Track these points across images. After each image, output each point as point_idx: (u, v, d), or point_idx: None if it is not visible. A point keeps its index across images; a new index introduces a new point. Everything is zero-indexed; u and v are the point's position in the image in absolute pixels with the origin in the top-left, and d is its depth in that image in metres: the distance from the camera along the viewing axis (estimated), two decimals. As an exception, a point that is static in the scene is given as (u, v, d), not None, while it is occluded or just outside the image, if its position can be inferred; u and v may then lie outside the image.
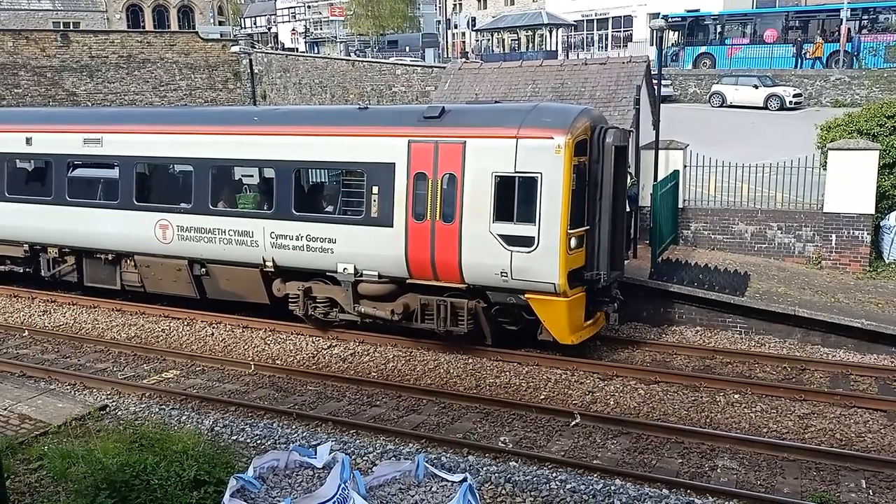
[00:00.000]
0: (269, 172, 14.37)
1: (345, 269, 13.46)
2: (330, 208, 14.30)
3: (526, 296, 12.39)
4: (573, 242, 12.15)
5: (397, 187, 12.85)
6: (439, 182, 12.55)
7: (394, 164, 12.86)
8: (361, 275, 13.40)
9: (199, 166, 14.73)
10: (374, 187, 13.03)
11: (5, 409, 10.41)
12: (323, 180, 15.36)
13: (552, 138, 11.88)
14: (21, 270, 17.83)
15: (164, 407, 11.25)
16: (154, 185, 15.81)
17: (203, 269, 15.16)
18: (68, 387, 12.25)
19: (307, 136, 13.84)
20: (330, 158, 13.75)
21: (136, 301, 16.60)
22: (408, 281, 13.17)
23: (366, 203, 13.15)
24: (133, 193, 15.40)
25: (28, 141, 16.74)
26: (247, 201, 14.94)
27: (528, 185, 11.98)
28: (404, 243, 12.85)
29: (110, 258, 16.23)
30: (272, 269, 14.26)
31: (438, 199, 12.57)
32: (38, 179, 17.16)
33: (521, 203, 12.05)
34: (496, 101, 15.45)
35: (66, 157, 16.24)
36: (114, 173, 15.73)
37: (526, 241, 12.05)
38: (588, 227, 12.45)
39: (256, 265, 14.37)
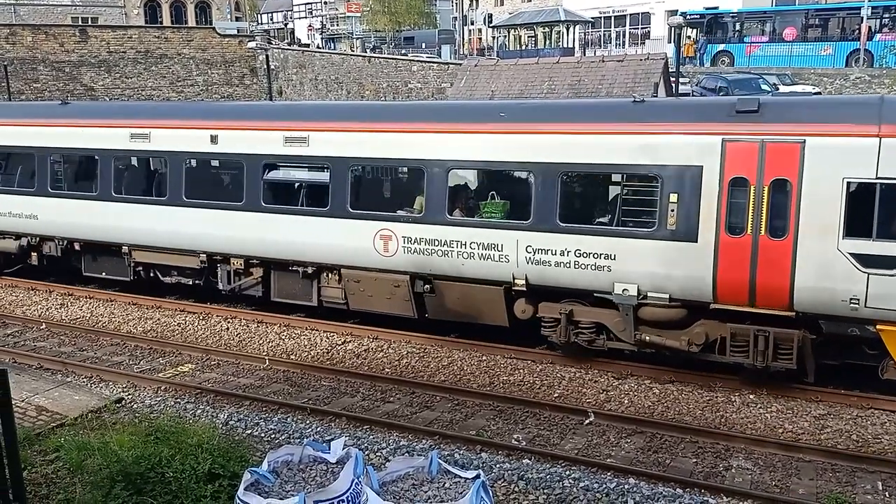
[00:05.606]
0: (526, 176, 12.45)
1: (624, 290, 11.60)
2: (605, 218, 12.24)
3: (878, 327, 10.49)
4: None
5: (705, 195, 10.97)
6: (765, 189, 10.67)
7: (701, 166, 10.99)
8: (645, 297, 11.56)
9: (433, 169, 12.86)
10: (671, 195, 11.16)
11: (23, 401, 10.48)
12: (597, 185, 12.80)
13: None
14: (191, 283, 16.12)
15: (179, 400, 11.33)
16: (374, 190, 14.25)
17: (427, 286, 13.36)
18: (85, 379, 12.35)
19: (574, 134, 11.98)
20: (607, 160, 11.77)
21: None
22: (711, 306, 11.31)
23: (659, 213, 11.29)
24: (347, 199, 13.57)
25: (213, 139, 14.80)
26: (494, 210, 12.86)
27: None
28: (712, 261, 11.00)
29: (309, 271, 14.42)
30: (523, 288, 12.49)
31: (764, 209, 10.67)
32: (227, 183, 15.63)
33: (885, 216, 10.20)
34: (807, 93, 13.68)
35: (261, 157, 14.31)
36: (322, 176, 13.96)
37: (891, 263, 10.21)
38: None
39: (502, 283, 12.58)
